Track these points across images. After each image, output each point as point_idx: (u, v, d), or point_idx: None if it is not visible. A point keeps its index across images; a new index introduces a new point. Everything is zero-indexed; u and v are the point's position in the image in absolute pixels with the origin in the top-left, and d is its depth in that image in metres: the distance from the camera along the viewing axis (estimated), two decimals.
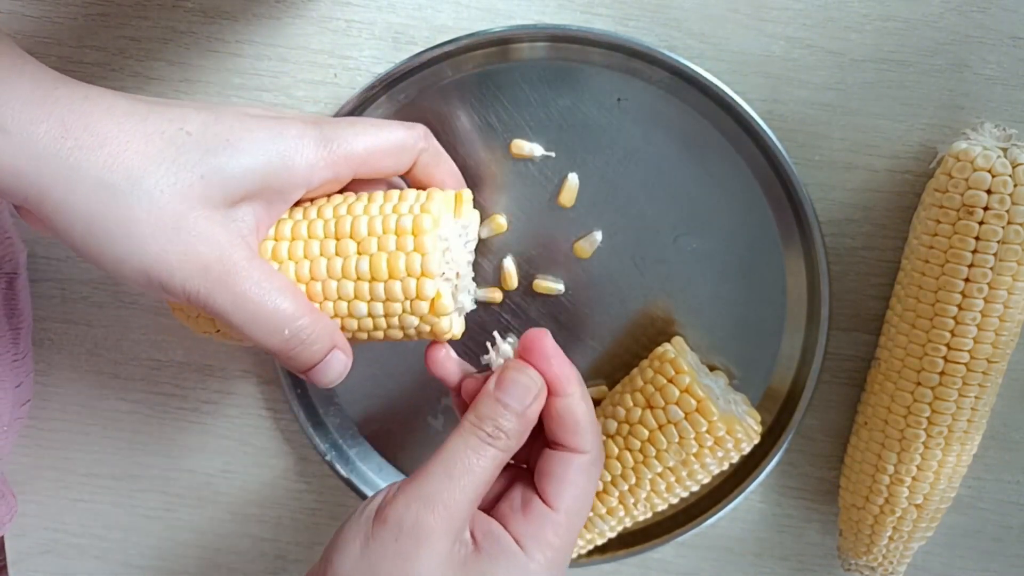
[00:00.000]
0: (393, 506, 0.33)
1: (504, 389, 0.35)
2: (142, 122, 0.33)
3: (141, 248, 0.32)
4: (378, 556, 0.33)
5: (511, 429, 0.35)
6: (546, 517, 0.35)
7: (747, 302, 0.45)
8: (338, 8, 0.43)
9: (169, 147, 0.32)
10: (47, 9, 0.44)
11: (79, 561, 0.52)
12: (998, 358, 0.40)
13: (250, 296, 0.33)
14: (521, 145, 0.43)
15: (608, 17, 0.43)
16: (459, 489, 0.33)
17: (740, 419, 0.42)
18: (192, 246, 0.32)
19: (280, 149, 0.34)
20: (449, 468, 0.34)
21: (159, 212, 0.32)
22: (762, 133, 0.42)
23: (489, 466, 0.34)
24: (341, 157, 0.36)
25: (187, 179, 0.32)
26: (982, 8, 0.41)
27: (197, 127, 0.33)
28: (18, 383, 0.47)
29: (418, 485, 0.34)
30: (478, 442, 0.34)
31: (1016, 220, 0.38)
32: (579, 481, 0.36)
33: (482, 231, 0.44)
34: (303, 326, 0.34)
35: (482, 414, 0.35)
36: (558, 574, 0.35)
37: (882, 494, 0.43)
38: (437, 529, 0.33)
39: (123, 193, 0.31)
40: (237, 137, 0.34)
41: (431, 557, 0.33)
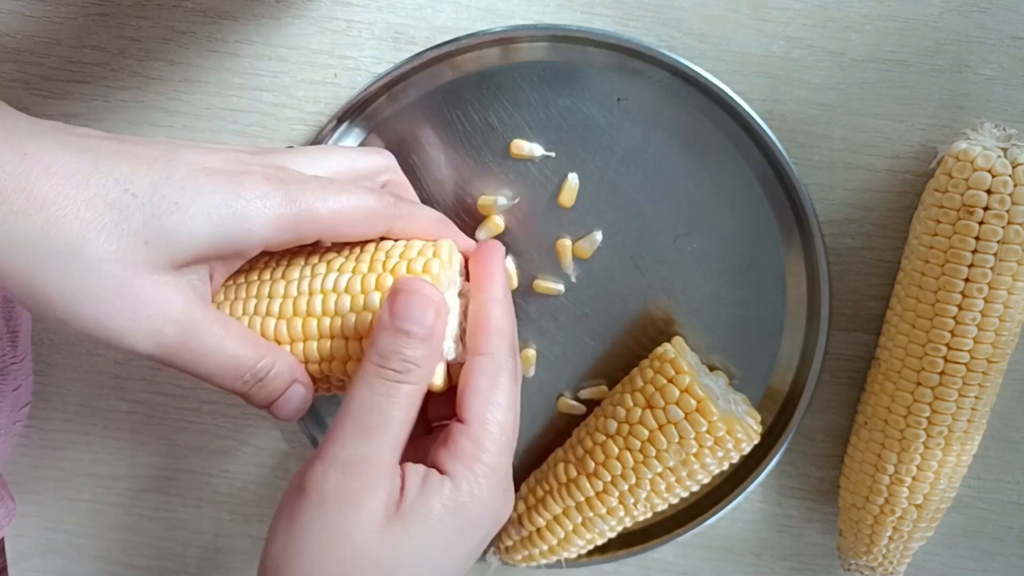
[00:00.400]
0: (311, 475, 0.31)
1: (400, 315, 0.31)
2: (84, 183, 0.30)
3: (84, 315, 0.30)
4: (305, 529, 0.31)
5: (420, 356, 0.32)
6: (463, 433, 0.33)
7: (747, 302, 0.45)
8: (338, 8, 0.43)
9: (112, 211, 0.30)
10: (47, 9, 0.44)
11: (79, 561, 0.52)
12: (998, 358, 0.40)
13: (207, 352, 0.32)
14: (521, 145, 0.43)
15: (608, 17, 0.43)
16: (378, 441, 0.31)
17: (740, 419, 0.42)
18: (139, 311, 0.31)
19: (236, 212, 0.32)
20: (362, 422, 0.31)
21: (100, 280, 0.30)
22: (762, 133, 0.42)
23: (405, 406, 0.32)
24: (305, 222, 0.33)
25: (130, 245, 0.30)
26: (982, 8, 0.41)
27: (144, 188, 0.31)
28: (16, 386, 0.47)
29: (333, 447, 0.31)
30: (387, 384, 0.31)
31: (1016, 220, 0.38)
32: (482, 385, 0.34)
33: (481, 232, 0.44)
34: (262, 367, 0.34)
35: (384, 350, 0.31)
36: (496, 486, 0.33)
37: (882, 494, 0.43)
38: (361, 490, 0.31)
39: (62, 261, 0.30)
40: (188, 200, 0.31)
41: (361, 520, 0.31)
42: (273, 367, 0.34)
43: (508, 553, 0.47)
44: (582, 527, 0.44)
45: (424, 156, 0.44)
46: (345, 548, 0.31)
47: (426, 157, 0.44)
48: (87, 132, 0.32)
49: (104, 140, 0.32)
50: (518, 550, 0.46)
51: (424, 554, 0.32)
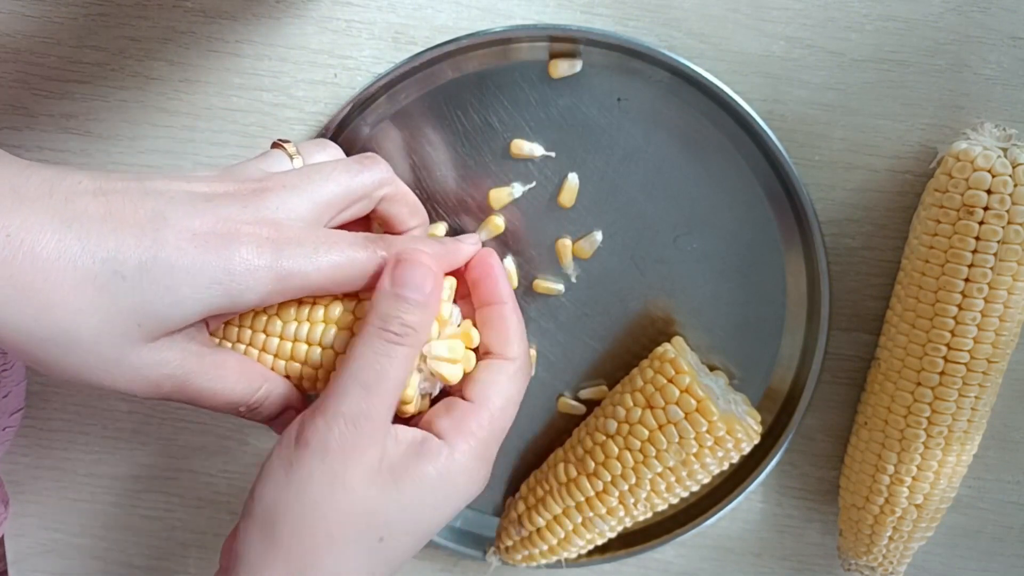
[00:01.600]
0: (313, 427, 0.33)
1: (400, 282, 0.34)
2: (71, 267, 0.30)
3: (85, 379, 0.32)
4: (304, 479, 0.32)
5: (417, 321, 0.34)
6: (467, 409, 0.35)
7: (747, 302, 0.45)
8: (338, 8, 0.43)
9: (102, 295, 0.31)
10: (47, 9, 0.44)
11: (79, 561, 0.52)
12: (998, 358, 0.40)
13: (204, 394, 0.35)
14: (521, 145, 0.43)
15: (608, 17, 0.43)
16: (377, 398, 0.33)
17: (740, 419, 0.42)
18: (137, 374, 0.33)
19: (226, 289, 0.32)
20: (363, 379, 0.33)
21: (96, 356, 0.32)
22: (762, 133, 0.42)
23: (403, 366, 0.33)
24: (294, 287, 0.34)
25: (122, 327, 0.31)
26: (982, 8, 0.41)
27: (132, 270, 0.31)
28: (6, 393, 0.47)
29: (335, 402, 0.33)
30: (387, 345, 0.33)
31: (1016, 220, 0.38)
32: (503, 383, 0.36)
33: (481, 233, 0.44)
34: (256, 400, 0.36)
35: (384, 314, 0.33)
36: (482, 464, 0.35)
37: (882, 494, 0.43)
38: (361, 443, 0.32)
39: (58, 344, 0.31)
40: (178, 282, 0.31)
41: (360, 471, 0.32)
42: (268, 397, 0.36)
43: (508, 553, 0.47)
44: (582, 527, 0.44)
45: (424, 156, 0.44)
46: (343, 497, 0.32)
47: (426, 157, 0.44)
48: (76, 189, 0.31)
49: (92, 201, 0.31)
50: (518, 550, 0.46)
51: (412, 510, 0.33)
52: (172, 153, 0.45)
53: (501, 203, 0.44)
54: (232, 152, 0.45)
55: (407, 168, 0.44)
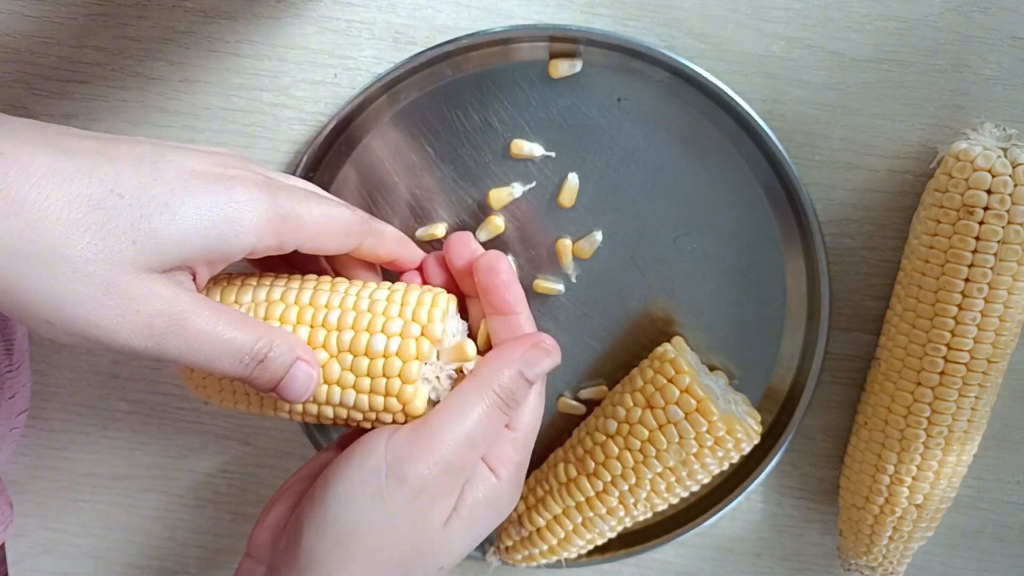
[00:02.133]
0: (416, 469, 0.34)
1: (532, 366, 0.37)
2: (65, 183, 0.29)
3: (72, 315, 0.29)
4: (393, 511, 0.34)
5: (524, 397, 0.37)
6: (506, 437, 0.38)
7: (747, 302, 0.45)
8: (338, 8, 0.43)
9: (96, 211, 0.29)
10: (47, 9, 0.44)
11: (79, 561, 0.52)
12: (998, 358, 0.40)
13: (202, 339, 0.32)
14: (521, 145, 0.43)
15: (608, 17, 0.43)
16: (476, 455, 0.36)
17: (740, 419, 0.42)
18: (128, 307, 0.30)
19: (226, 215, 0.31)
20: (473, 437, 0.35)
21: (86, 280, 0.29)
22: (762, 133, 0.42)
23: (500, 429, 0.37)
24: (290, 228, 0.33)
25: (117, 246, 0.30)
26: (982, 8, 0.41)
27: (132, 189, 0.30)
28: (12, 394, 0.47)
29: (440, 449, 0.35)
30: (498, 412, 0.36)
31: (1016, 220, 0.38)
32: (531, 399, 0.39)
33: (481, 233, 0.44)
34: (260, 347, 0.33)
35: (510, 390, 0.36)
36: (518, 484, 0.38)
37: (882, 494, 0.43)
38: (452, 490, 0.36)
39: (46, 263, 0.29)
40: (178, 201, 0.31)
41: (442, 511, 0.36)
42: (271, 347, 0.34)
43: (508, 553, 0.47)
44: (582, 527, 0.44)
45: (424, 156, 0.44)
46: (421, 530, 0.35)
47: (426, 157, 0.44)
48: (65, 130, 0.31)
49: (84, 139, 0.31)
50: (518, 550, 0.46)
51: (464, 539, 0.37)
52: None
53: (501, 203, 0.44)
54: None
55: (407, 168, 0.44)
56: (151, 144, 0.32)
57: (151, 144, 0.32)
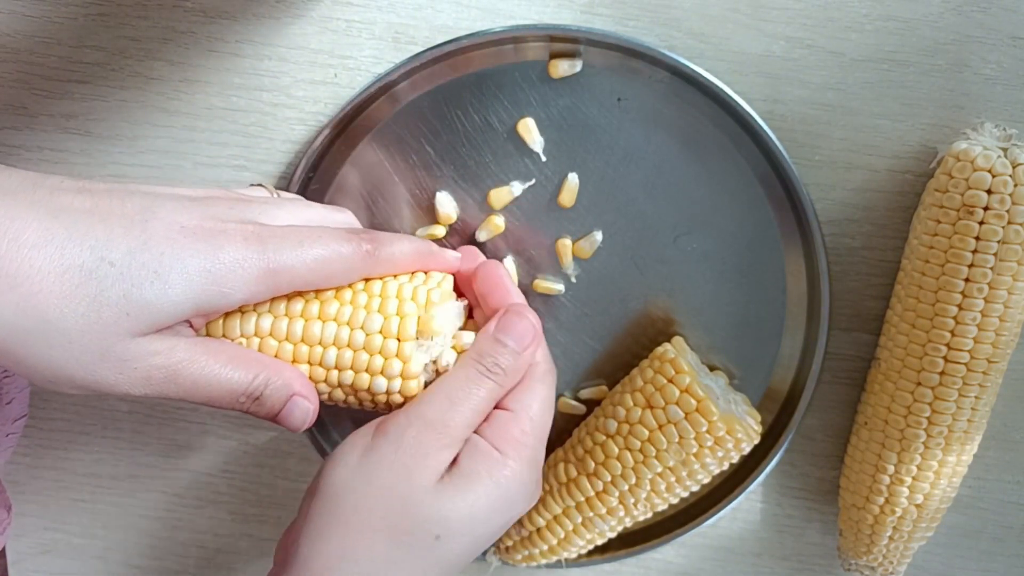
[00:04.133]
0: (395, 421, 0.36)
1: (503, 330, 0.37)
2: (57, 254, 0.29)
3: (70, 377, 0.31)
4: (376, 464, 0.35)
5: (508, 366, 0.37)
6: (509, 419, 0.37)
7: (747, 302, 0.45)
8: (338, 8, 0.43)
9: (89, 282, 0.30)
10: (47, 9, 0.44)
11: (79, 561, 0.52)
12: (998, 358, 0.40)
13: (199, 384, 0.33)
14: (528, 125, 0.43)
15: (608, 17, 0.43)
16: (458, 414, 0.36)
17: (740, 419, 0.42)
18: (125, 366, 0.31)
19: (215, 277, 0.32)
20: (451, 394, 0.36)
21: (81, 349, 0.30)
22: (762, 133, 0.42)
23: (486, 396, 0.36)
24: (282, 280, 0.34)
25: (110, 316, 0.30)
26: (982, 8, 0.41)
27: (121, 256, 0.30)
28: (9, 400, 0.47)
29: (421, 407, 0.36)
30: (477, 374, 0.36)
31: (1016, 220, 0.38)
32: (536, 388, 0.38)
33: (481, 233, 0.44)
34: (257, 385, 0.34)
35: (481, 350, 0.37)
36: (533, 472, 0.37)
37: (882, 494, 0.43)
38: (435, 446, 0.35)
39: (41, 335, 0.30)
40: (167, 268, 0.31)
41: (428, 471, 0.35)
42: (267, 384, 0.35)
43: (508, 553, 0.47)
44: (582, 527, 0.44)
45: (424, 156, 0.44)
46: (407, 490, 0.35)
47: (426, 157, 0.44)
48: (59, 186, 0.31)
49: (77, 196, 0.31)
50: (518, 550, 0.46)
51: (464, 513, 0.35)
52: (172, 153, 0.45)
53: (501, 203, 0.44)
54: (232, 152, 0.45)
55: (407, 168, 0.44)
56: (143, 197, 0.32)
57: (143, 197, 0.32)
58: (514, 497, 0.37)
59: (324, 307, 0.36)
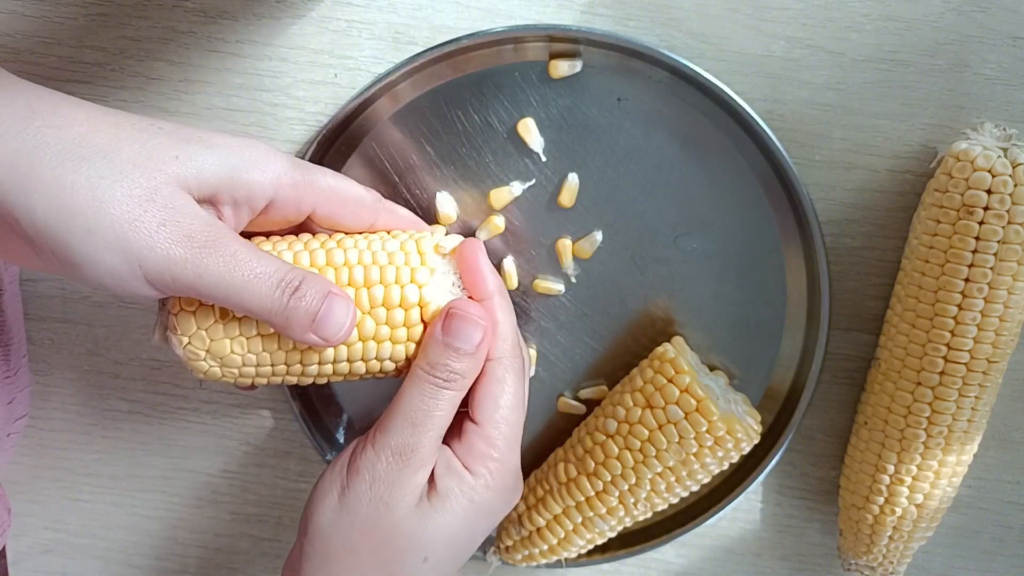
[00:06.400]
0: (364, 457, 0.36)
1: (450, 333, 0.36)
2: (112, 114, 0.33)
3: (111, 217, 0.30)
4: (355, 502, 0.36)
5: (463, 369, 0.36)
6: (473, 432, 0.37)
7: (747, 302, 0.45)
8: (338, 8, 0.43)
9: (141, 133, 0.32)
10: (47, 9, 0.44)
11: (79, 561, 0.52)
12: (998, 358, 0.40)
13: (239, 258, 0.32)
14: (528, 125, 0.43)
15: (608, 17, 0.43)
16: (423, 435, 0.36)
17: (740, 419, 0.42)
18: (170, 215, 0.31)
19: (251, 154, 0.34)
20: (410, 418, 0.36)
21: (131, 183, 0.31)
22: (762, 133, 0.42)
23: (447, 407, 0.36)
24: (307, 183, 0.36)
25: (160, 156, 0.32)
26: (982, 8, 0.41)
27: (169, 126, 0.34)
28: (10, 399, 0.47)
29: (384, 437, 0.36)
30: (433, 388, 0.36)
31: (1016, 220, 0.38)
32: (491, 389, 0.37)
33: (481, 232, 0.44)
34: (294, 277, 0.34)
35: (433, 361, 0.36)
36: (506, 477, 0.38)
37: (882, 494, 0.43)
38: (406, 472, 0.36)
39: (92, 166, 0.30)
40: (209, 136, 0.34)
41: (404, 497, 0.36)
42: (304, 279, 0.34)
43: (508, 553, 0.47)
44: (582, 527, 0.44)
45: (424, 156, 0.44)
46: (387, 520, 0.35)
47: (426, 157, 0.44)
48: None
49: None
50: (518, 550, 0.46)
51: (445, 531, 0.36)
52: None
53: (501, 203, 0.44)
54: None
55: (407, 168, 0.44)
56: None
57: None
58: (492, 506, 0.38)
59: (341, 241, 0.37)
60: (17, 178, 0.30)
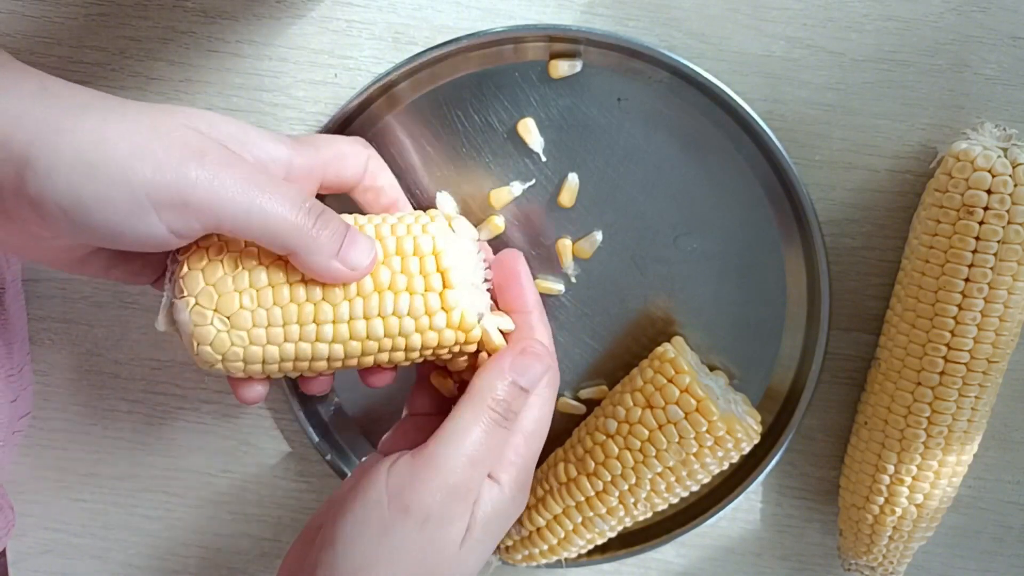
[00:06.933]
0: (416, 495, 0.34)
1: (520, 372, 0.36)
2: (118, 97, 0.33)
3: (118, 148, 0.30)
4: (400, 544, 0.33)
5: (519, 407, 0.36)
6: (506, 442, 0.37)
7: (747, 302, 0.45)
8: (338, 8, 0.43)
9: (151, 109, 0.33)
10: (47, 9, 0.44)
11: (79, 561, 0.52)
12: (998, 358, 0.40)
13: (259, 177, 0.32)
14: (528, 126, 0.43)
15: (608, 17, 0.43)
16: (479, 473, 0.35)
17: (740, 419, 0.42)
18: (176, 141, 0.31)
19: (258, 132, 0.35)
20: (472, 455, 0.34)
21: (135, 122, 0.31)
22: (762, 133, 0.42)
23: (501, 443, 0.36)
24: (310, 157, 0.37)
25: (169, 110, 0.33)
26: (982, 8, 0.41)
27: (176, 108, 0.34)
28: (14, 397, 0.47)
29: (440, 473, 0.34)
30: (494, 425, 0.35)
31: (1016, 220, 0.38)
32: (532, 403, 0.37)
33: (481, 232, 0.44)
34: (315, 203, 0.33)
35: (497, 396, 0.35)
36: (522, 489, 0.38)
37: (882, 494, 0.43)
38: (460, 511, 0.34)
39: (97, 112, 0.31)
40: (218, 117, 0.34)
41: (454, 536, 0.34)
42: (324, 209, 0.34)
43: (508, 553, 0.47)
44: (582, 527, 0.44)
45: (424, 156, 0.44)
46: (433, 559, 0.34)
47: (426, 157, 0.44)
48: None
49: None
50: (518, 550, 0.46)
51: (480, 553, 0.36)
52: None
53: (501, 203, 0.44)
54: None
55: (407, 168, 0.44)
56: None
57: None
58: (511, 516, 0.37)
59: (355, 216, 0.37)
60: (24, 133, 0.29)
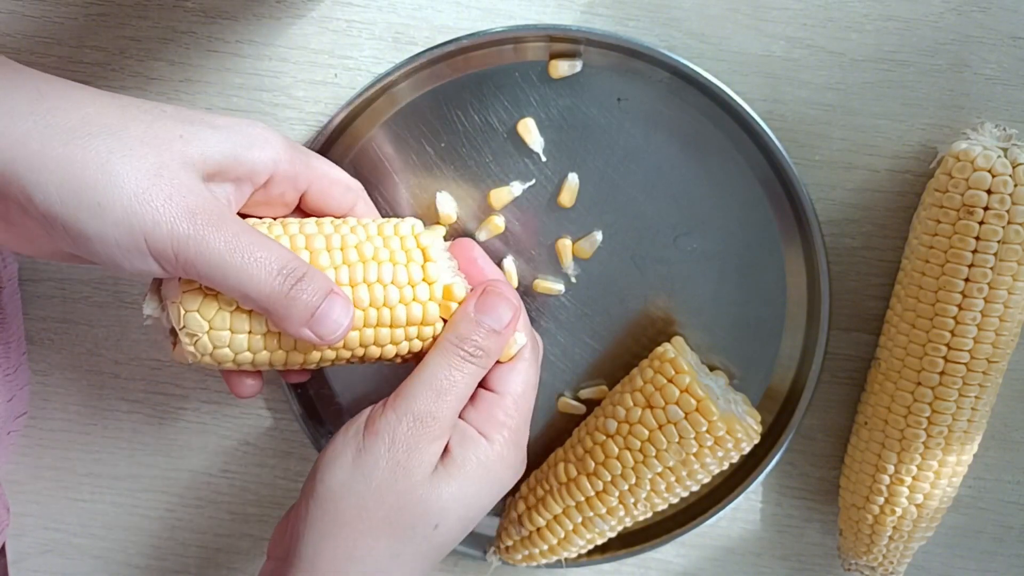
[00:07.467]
0: (384, 419, 0.36)
1: (482, 310, 0.37)
2: (117, 98, 0.34)
3: (123, 190, 0.31)
4: (372, 464, 0.36)
5: (490, 347, 0.37)
6: (492, 401, 0.38)
7: (747, 302, 0.45)
8: (338, 8, 0.43)
9: (147, 115, 0.33)
10: (47, 9, 0.44)
11: (79, 561, 0.52)
12: (998, 358, 0.40)
13: (241, 240, 0.33)
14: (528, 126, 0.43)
15: (608, 17, 0.43)
16: (445, 404, 0.36)
17: (740, 419, 0.42)
18: (176, 191, 0.32)
19: (252, 133, 0.36)
20: (435, 385, 0.36)
21: (138, 158, 0.32)
22: (762, 133, 0.42)
23: (470, 381, 0.37)
24: (302, 163, 0.38)
25: (166, 135, 0.33)
26: (982, 8, 0.41)
27: (172, 108, 0.35)
28: (10, 397, 0.47)
29: (407, 401, 0.36)
30: (460, 360, 0.37)
31: (1016, 220, 0.38)
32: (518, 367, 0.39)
33: (481, 233, 0.44)
34: (297, 266, 0.34)
35: (462, 334, 0.37)
36: (517, 451, 0.39)
37: (882, 494, 0.43)
38: (425, 439, 0.36)
39: (102, 140, 0.31)
40: (212, 118, 0.35)
41: (422, 463, 0.36)
42: (308, 272, 0.34)
43: (508, 553, 0.47)
44: (582, 527, 0.44)
45: (424, 156, 0.44)
46: (405, 486, 0.36)
47: (426, 157, 0.44)
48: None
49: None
50: (518, 550, 0.46)
51: (457, 499, 0.37)
52: None
53: (501, 203, 0.44)
54: None
55: (407, 168, 0.44)
56: None
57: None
58: (502, 476, 0.38)
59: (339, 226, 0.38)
60: (28, 155, 0.31)
